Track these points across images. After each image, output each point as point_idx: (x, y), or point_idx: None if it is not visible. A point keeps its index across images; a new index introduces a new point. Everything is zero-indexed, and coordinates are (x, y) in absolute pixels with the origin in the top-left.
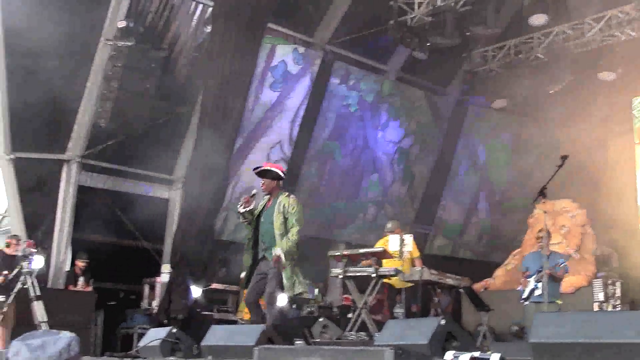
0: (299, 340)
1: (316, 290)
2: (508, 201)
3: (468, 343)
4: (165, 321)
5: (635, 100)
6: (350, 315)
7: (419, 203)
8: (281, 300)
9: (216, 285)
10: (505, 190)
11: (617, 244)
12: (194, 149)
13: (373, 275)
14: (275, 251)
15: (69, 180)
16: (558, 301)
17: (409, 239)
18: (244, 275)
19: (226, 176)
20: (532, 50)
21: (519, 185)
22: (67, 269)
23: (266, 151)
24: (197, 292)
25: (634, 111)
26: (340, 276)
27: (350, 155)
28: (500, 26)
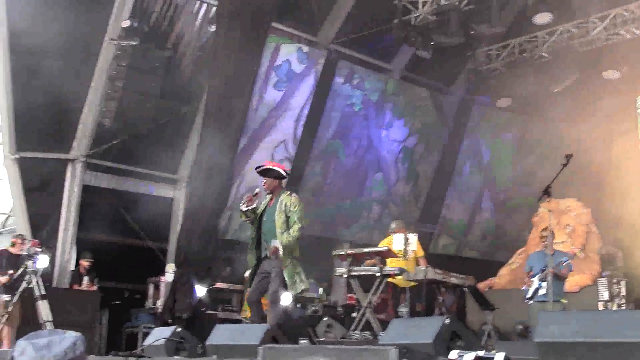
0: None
1: (320, 290)
2: (512, 200)
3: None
4: (170, 320)
5: None
6: (354, 315)
7: (423, 202)
8: (285, 299)
9: (220, 285)
10: (509, 189)
11: (622, 243)
12: (198, 148)
13: (377, 274)
14: (274, 243)
15: (74, 180)
16: (563, 300)
17: (413, 238)
18: (248, 274)
19: (230, 175)
20: (537, 49)
21: (523, 184)
22: (72, 268)
23: (270, 150)
24: (202, 292)
25: (638, 110)
26: (345, 275)
27: (354, 155)
28: (505, 25)
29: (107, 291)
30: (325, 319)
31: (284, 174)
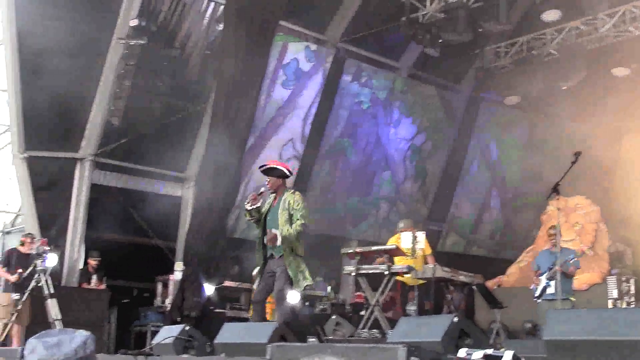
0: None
1: (329, 288)
2: (520, 198)
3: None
4: (179, 319)
5: None
6: (363, 313)
7: (431, 200)
8: (293, 297)
9: (229, 283)
10: (517, 187)
11: (631, 241)
12: (206, 147)
13: (385, 272)
14: (274, 230)
15: (82, 179)
16: (572, 298)
17: (421, 236)
18: (256, 272)
19: (238, 174)
20: (545, 46)
21: (531, 182)
22: (81, 267)
23: (278, 149)
24: (210, 290)
25: None
26: (353, 274)
27: (362, 153)
28: (513, 22)
29: (116, 290)
30: (333, 317)
31: (288, 173)
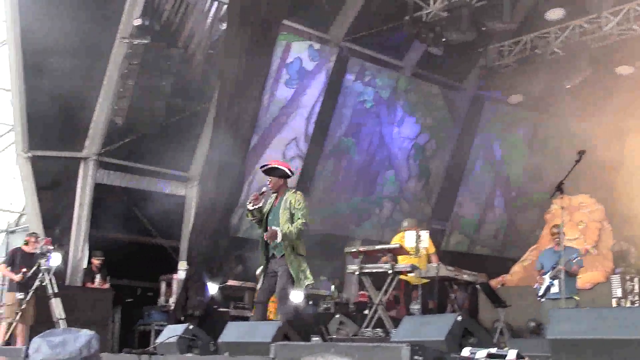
0: (315, 337)
1: (332, 287)
2: (524, 197)
3: (485, 339)
4: (182, 318)
5: None
6: (366, 312)
7: (435, 199)
8: (296, 297)
9: (232, 282)
10: (521, 186)
11: (635, 240)
12: (209, 146)
13: (389, 271)
14: (274, 227)
15: (86, 178)
16: (575, 297)
17: (425, 235)
18: (259, 272)
19: (242, 173)
20: (549, 45)
21: (535, 181)
22: (85, 266)
23: (282, 148)
24: (214, 289)
25: None
26: (357, 273)
27: (366, 152)
28: (516, 21)
29: (120, 289)
30: (337, 316)
31: (289, 173)
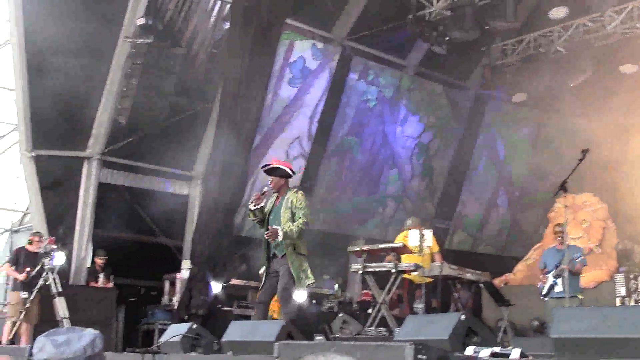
0: (318, 336)
1: (336, 286)
2: (528, 196)
3: (488, 338)
4: (186, 317)
5: None
6: (370, 311)
7: (438, 198)
8: (300, 296)
9: (236, 281)
10: (525, 185)
11: (639, 238)
12: (213, 146)
13: (393, 270)
14: (274, 226)
15: (90, 178)
16: (579, 295)
17: (428, 234)
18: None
19: (245, 172)
20: (552, 43)
21: (538, 180)
22: (88, 265)
23: (285, 147)
24: (217, 288)
25: None
26: (360, 271)
27: (369, 151)
28: (520, 20)
29: (123, 288)
30: (340, 315)
31: (291, 172)
